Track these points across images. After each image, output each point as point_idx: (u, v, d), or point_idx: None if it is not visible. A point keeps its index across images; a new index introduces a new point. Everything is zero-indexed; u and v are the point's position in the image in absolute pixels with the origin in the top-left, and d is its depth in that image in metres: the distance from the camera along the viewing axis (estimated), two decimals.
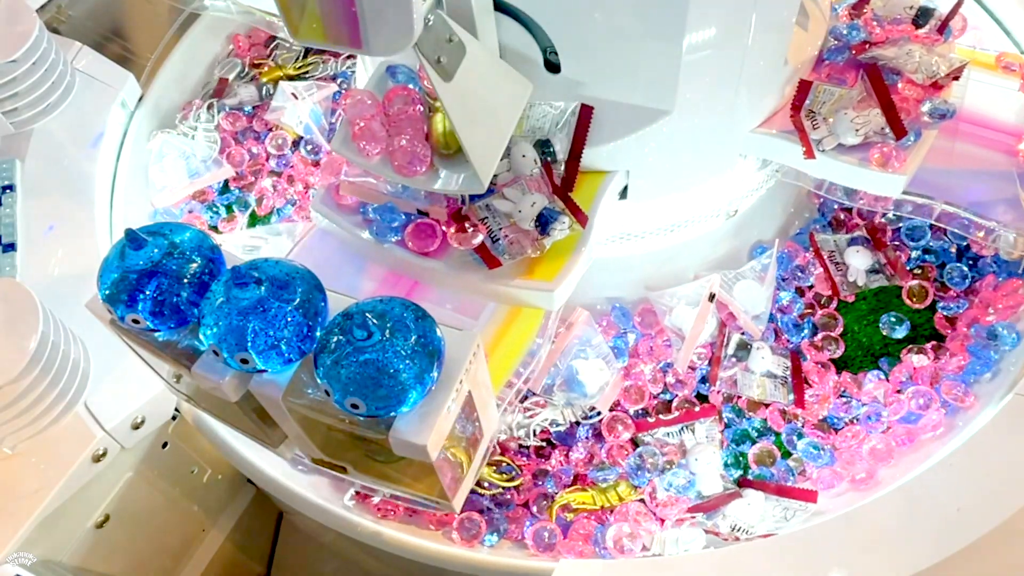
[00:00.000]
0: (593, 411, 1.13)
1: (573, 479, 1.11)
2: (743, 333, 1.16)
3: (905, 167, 0.99)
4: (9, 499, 1.07)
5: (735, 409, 1.14)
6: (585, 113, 0.95)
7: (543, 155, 0.95)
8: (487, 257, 0.92)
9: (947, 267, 1.20)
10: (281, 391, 0.75)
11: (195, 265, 0.74)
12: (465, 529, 1.05)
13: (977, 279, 1.19)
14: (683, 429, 1.11)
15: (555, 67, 0.96)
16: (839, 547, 0.99)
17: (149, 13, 1.61)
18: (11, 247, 1.25)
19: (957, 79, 1.04)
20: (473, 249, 0.92)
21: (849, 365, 1.17)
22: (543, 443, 1.12)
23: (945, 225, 1.13)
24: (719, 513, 1.03)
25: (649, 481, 1.07)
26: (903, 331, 1.17)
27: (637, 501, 1.07)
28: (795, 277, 1.22)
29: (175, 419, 1.22)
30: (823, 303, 1.21)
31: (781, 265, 1.21)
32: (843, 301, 1.21)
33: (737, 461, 1.11)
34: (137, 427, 1.15)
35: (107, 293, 0.74)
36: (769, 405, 1.13)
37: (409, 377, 0.68)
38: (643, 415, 1.14)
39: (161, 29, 1.54)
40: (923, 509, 1.00)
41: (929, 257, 1.22)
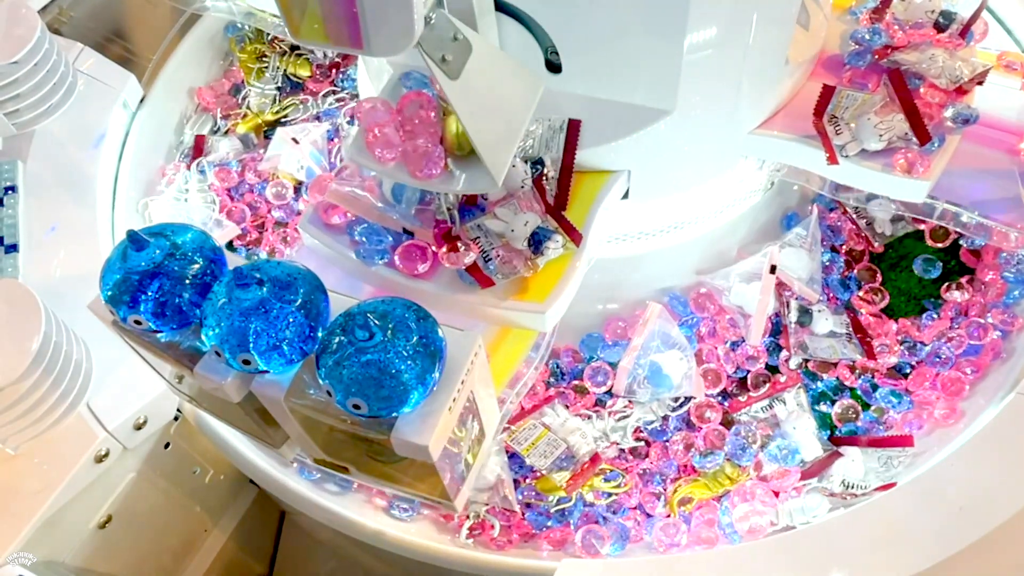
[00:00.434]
0: (678, 401, 1.14)
1: (678, 472, 1.12)
2: (797, 299, 1.19)
3: (929, 172, 0.99)
4: (12, 500, 1.07)
5: (807, 373, 1.17)
6: (574, 128, 0.95)
7: (534, 170, 0.94)
8: (479, 277, 0.91)
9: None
10: (283, 392, 0.75)
11: (197, 266, 0.74)
12: (589, 544, 1.05)
13: None
14: (772, 402, 1.13)
15: (556, 67, 0.96)
16: (840, 547, 0.99)
17: (150, 14, 1.61)
18: (13, 248, 1.25)
19: (981, 84, 1.04)
20: (465, 269, 0.91)
21: (896, 312, 1.20)
22: (638, 442, 1.13)
23: (946, 224, 1.13)
24: (826, 475, 1.06)
25: (754, 458, 1.09)
26: (937, 271, 1.21)
27: (749, 480, 1.08)
28: (827, 237, 1.25)
29: (177, 420, 1.22)
30: (857, 258, 1.25)
31: None
32: (875, 253, 1.25)
33: (823, 422, 1.13)
34: (139, 428, 1.15)
35: (109, 294, 0.74)
36: (837, 364, 1.16)
37: (411, 377, 0.68)
38: (723, 396, 1.16)
39: (162, 30, 1.53)
40: (925, 508, 1.00)
41: None
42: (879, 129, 0.99)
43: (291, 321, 0.70)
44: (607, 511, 1.09)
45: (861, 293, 1.21)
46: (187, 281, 0.74)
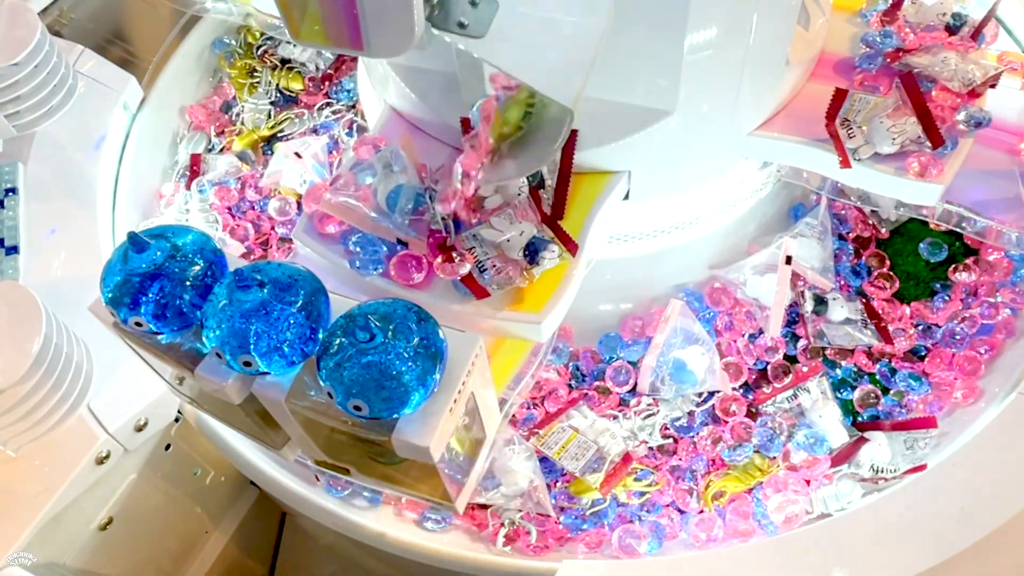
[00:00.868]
0: (702, 397, 1.15)
1: (708, 466, 1.12)
2: (811, 288, 1.19)
3: (943, 176, 0.98)
4: (12, 502, 1.07)
5: (825, 361, 1.17)
6: (571, 137, 0.94)
7: (530, 179, 0.93)
8: (474, 287, 0.90)
9: None
10: (284, 393, 0.75)
11: (198, 268, 0.74)
12: (627, 544, 1.05)
13: None
14: (796, 391, 1.14)
15: None
16: (841, 547, 0.99)
17: (151, 15, 1.61)
18: (14, 250, 1.25)
19: (994, 87, 1.04)
20: (460, 279, 0.90)
21: (906, 296, 1.21)
22: (666, 440, 1.14)
23: (947, 224, 1.13)
24: (854, 461, 1.06)
25: (782, 448, 1.09)
26: (943, 254, 1.22)
27: (780, 470, 1.08)
28: (834, 225, 1.26)
29: (178, 421, 1.22)
30: (864, 244, 1.26)
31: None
32: (881, 239, 1.25)
33: (845, 409, 1.13)
34: (140, 429, 1.15)
35: (110, 296, 0.74)
36: (854, 350, 1.17)
37: (412, 379, 0.68)
38: (744, 389, 1.16)
39: (163, 31, 1.53)
40: (926, 509, 1.00)
41: None
42: (892, 132, 0.99)
43: (292, 323, 0.70)
44: (640, 510, 1.09)
45: (872, 279, 1.22)
46: (188, 283, 0.74)
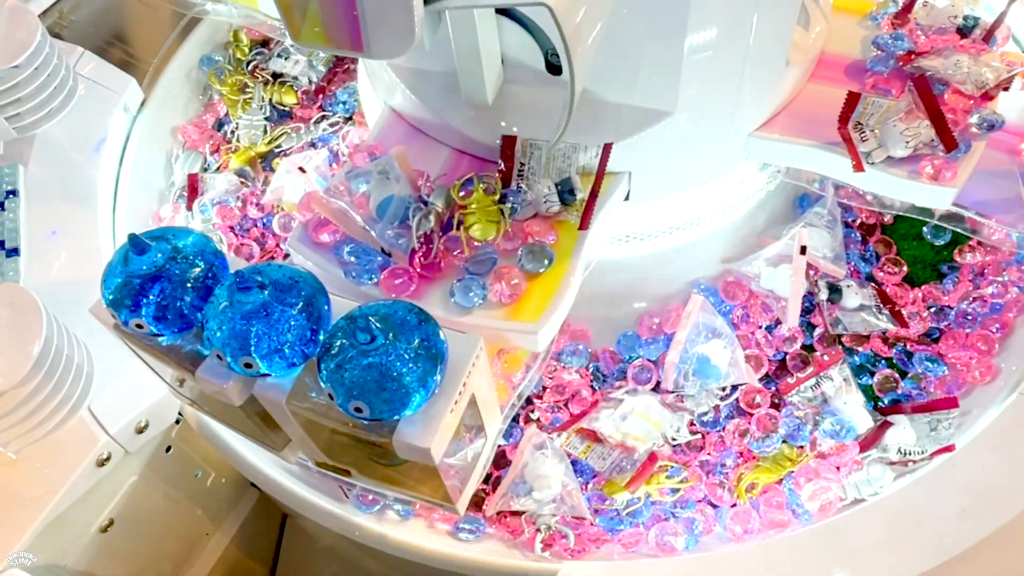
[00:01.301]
0: (725, 390, 1.15)
1: (737, 459, 1.12)
2: (823, 276, 1.20)
3: (956, 179, 0.98)
4: (13, 504, 1.07)
5: (842, 348, 1.18)
6: (606, 151, 0.95)
7: (559, 187, 0.95)
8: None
9: None
10: (285, 395, 0.75)
11: (198, 269, 0.74)
12: (664, 542, 1.05)
13: None
14: (819, 380, 1.14)
15: (557, 69, 0.96)
16: (841, 547, 0.99)
17: (150, 17, 1.61)
18: (15, 252, 1.25)
19: (1007, 89, 1.04)
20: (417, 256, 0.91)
21: (915, 280, 1.22)
22: (694, 435, 1.14)
23: (947, 224, 1.13)
24: (881, 445, 1.07)
25: (810, 436, 1.09)
26: (947, 236, 1.23)
27: (809, 459, 1.09)
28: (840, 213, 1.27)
29: (178, 423, 1.22)
30: (870, 231, 1.27)
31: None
32: (886, 225, 1.26)
33: (865, 394, 1.14)
34: (141, 431, 1.15)
35: (110, 298, 0.74)
36: (870, 336, 1.17)
37: (412, 380, 0.68)
38: (766, 380, 1.17)
39: (163, 33, 1.53)
40: (927, 509, 1.00)
41: None
42: (905, 136, 0.98)
43: (293, 324, 0.70)
44: (674, 507, 1.09)
45: (880, 265, 1.22)
46: (188, 285, 0.74)
